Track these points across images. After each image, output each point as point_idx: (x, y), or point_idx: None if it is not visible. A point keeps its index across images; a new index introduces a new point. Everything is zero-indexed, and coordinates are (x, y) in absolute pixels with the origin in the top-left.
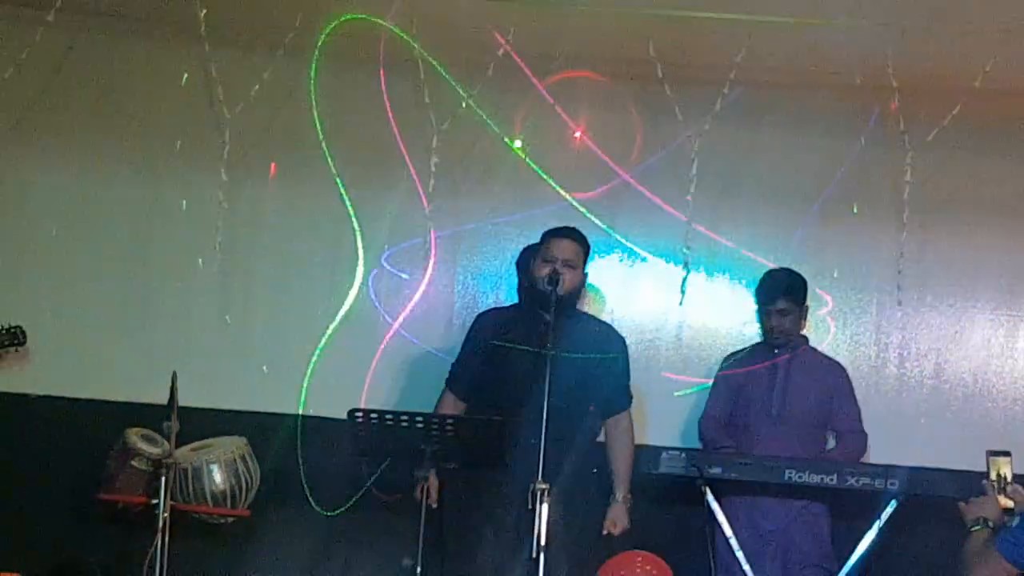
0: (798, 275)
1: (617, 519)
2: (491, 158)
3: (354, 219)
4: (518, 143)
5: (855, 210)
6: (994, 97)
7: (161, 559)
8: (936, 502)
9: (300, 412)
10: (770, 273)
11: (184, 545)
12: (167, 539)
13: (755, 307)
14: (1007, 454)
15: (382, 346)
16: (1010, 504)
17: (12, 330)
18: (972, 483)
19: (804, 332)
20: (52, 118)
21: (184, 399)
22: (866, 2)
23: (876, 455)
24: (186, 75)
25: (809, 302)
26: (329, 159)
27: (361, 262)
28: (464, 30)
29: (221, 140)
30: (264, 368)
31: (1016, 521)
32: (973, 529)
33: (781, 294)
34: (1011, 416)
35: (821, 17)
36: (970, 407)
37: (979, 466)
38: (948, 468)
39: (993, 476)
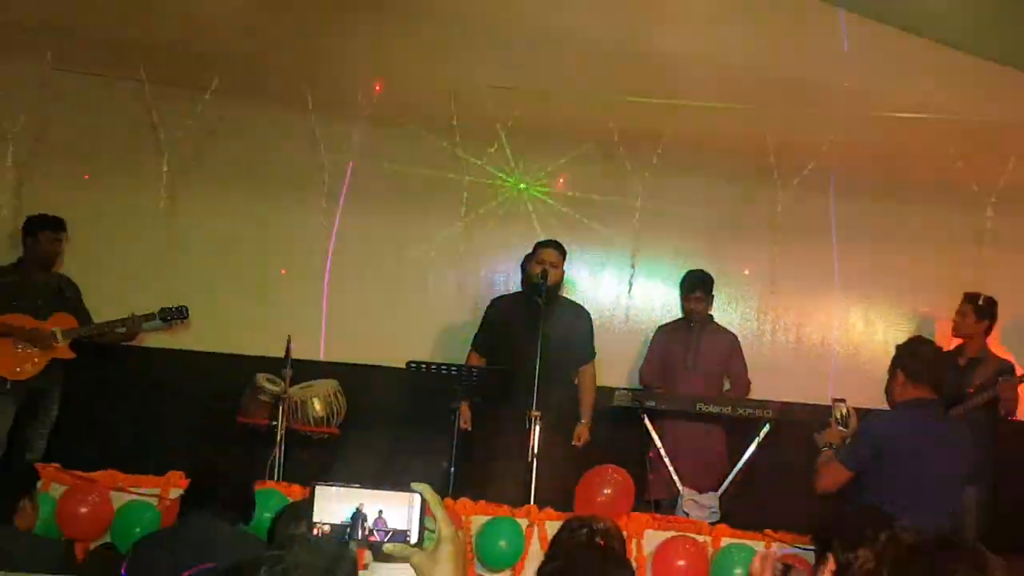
0: (708, 274)
1: (581, 435)
2: (503, 194)
3: (411, 231)
4: (522, 185)
5: (741, 230)
6: (839, 156)
7: (279, 463)
8: (796, 426)
9: (375, 363)
10: (690, 272)
11: (294, 453)
12: (283, 449)
13: (679, 295)
14: (844, 400)
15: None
16: (845, 431)
17: (180, 308)
18: (820, 413)
19: (711, 312)
20: (208, 167)
21: (296, 353)
22: (752, 90)
23: (756, 394)
24: (294, 129)
25: (715, 292)
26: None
27: (416, 264)
28: (482, 109)
29: (322, 179)
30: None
31: (848, 440)
32: (822, 449)
33: (697, 287)
34: (846, 369)
35: (721, 101)
36: (820, 363)
37: (826, 400)
38: (805, 403)
39: (837, 415)
